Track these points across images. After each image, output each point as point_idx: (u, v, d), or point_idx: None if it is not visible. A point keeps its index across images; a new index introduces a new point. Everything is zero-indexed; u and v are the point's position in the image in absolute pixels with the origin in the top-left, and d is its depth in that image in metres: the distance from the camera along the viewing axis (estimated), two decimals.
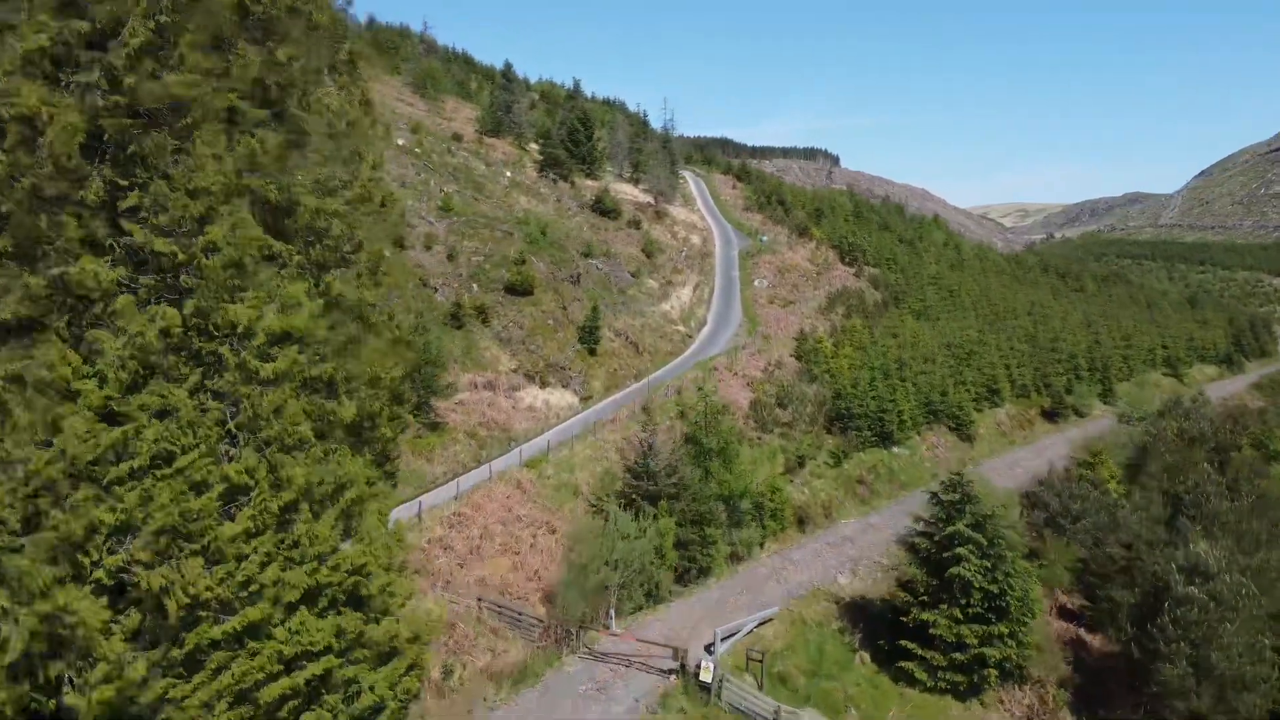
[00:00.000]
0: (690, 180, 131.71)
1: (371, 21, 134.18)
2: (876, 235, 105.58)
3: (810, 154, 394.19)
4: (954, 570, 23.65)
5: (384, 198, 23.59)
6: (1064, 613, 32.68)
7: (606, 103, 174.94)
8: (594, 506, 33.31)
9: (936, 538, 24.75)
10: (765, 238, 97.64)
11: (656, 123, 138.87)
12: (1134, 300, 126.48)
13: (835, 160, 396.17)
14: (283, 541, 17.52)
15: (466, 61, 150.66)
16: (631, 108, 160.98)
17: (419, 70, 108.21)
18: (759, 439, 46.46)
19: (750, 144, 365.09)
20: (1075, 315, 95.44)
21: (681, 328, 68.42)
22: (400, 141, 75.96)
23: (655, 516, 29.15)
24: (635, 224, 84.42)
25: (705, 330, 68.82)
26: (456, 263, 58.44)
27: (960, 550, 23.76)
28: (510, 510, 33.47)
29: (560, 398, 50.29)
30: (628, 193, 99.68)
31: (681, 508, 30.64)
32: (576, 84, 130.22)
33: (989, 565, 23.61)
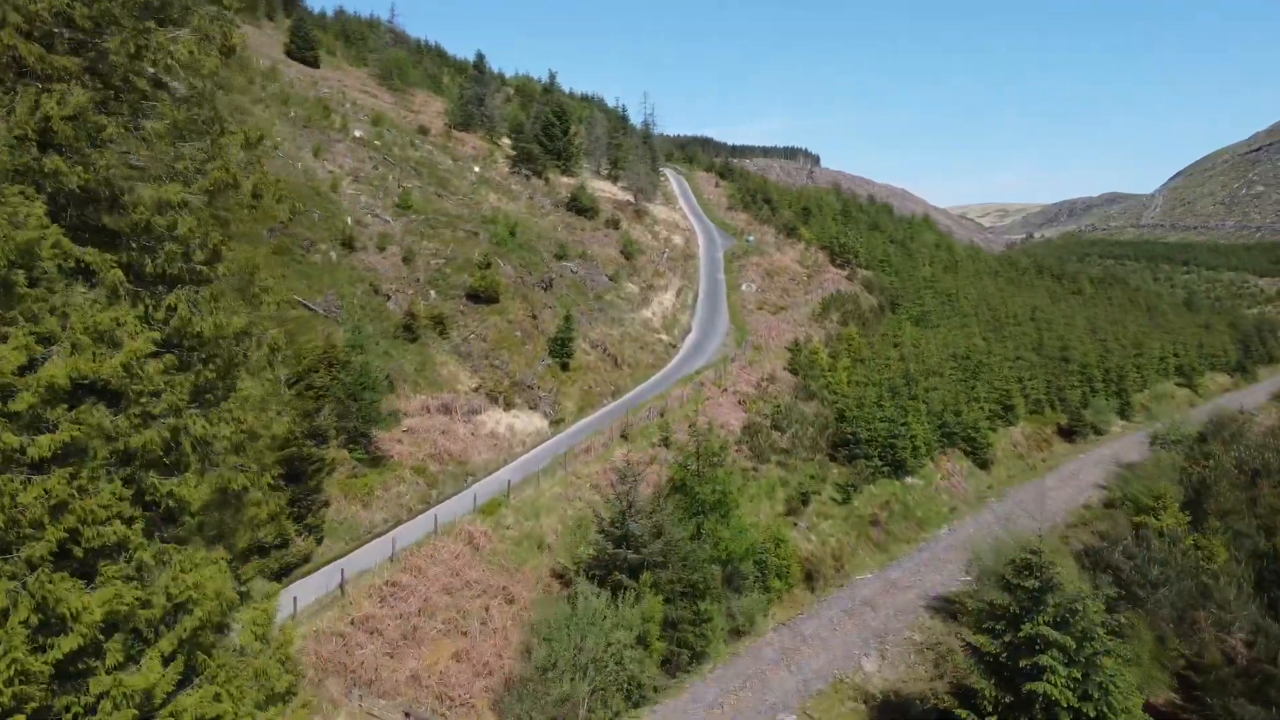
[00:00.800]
0: (671, 178, 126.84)
1: (340, 12, 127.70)
2: (867, 236, 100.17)
3: (790, 153, 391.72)
4: (1035, 685, 17.79)
5: (259, 184, 17.25)
6: (1151, 712, 26.39)
7: (584, 98, 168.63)
8: (559, 576, 27.04)
9: (1008, 638, 18.83)
10: (751, 238, 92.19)
11: (636, 118, 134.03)
12: (1134, 303, 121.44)
13: (816, 160, 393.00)
14: (66, 710, 11.77)
15: (439, 54, 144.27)
16: (610, 103, 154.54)
17: (385, 60, 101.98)
18: (755, 470, 40.48)
19: (731, 143, 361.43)
20: (1078, 320, 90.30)
21: (664, 336, 62.42)
22: (358, 133, 69.82)
23: (637, 595, 22.85)
24: (614, 223, 78.53)
25: (690, 339, 63.00)
26: (413, 265, 52.10)
27: (1043, 659, 17.86)
28: (458, 574, 27.17)
29: (527, 421, 44.06)
30: (606, 190, 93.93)
31: (669, 578, 24.37)
32: (552, 77, 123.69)
33: (1079, 675, 17.80)
